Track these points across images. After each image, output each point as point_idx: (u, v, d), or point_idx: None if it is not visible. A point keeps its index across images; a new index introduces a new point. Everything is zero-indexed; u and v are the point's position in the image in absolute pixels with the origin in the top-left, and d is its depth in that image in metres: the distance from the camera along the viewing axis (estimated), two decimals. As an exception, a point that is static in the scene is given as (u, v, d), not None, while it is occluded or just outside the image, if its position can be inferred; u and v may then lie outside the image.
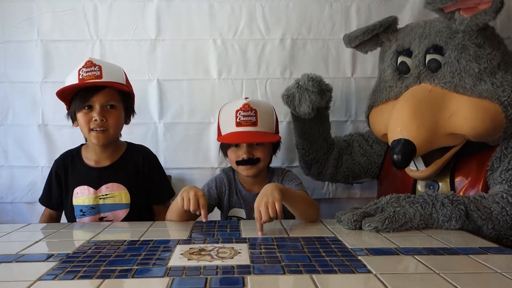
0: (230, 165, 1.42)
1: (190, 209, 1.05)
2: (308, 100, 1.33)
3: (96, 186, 1.25)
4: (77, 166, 1.28)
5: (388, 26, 1.36)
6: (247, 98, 1.33)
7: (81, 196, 1.25)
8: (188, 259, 0.78)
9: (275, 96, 1.62)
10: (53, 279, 0.69)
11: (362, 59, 1.64)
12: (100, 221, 1.25)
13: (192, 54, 1.63)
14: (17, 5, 1.61)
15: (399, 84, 1.29)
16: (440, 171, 1.24)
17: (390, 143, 1.20)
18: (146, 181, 1.31)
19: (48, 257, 0.81)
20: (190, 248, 0.86)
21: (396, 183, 1.39)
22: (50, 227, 1.14)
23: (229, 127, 1.29)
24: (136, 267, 0.74)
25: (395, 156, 1.15)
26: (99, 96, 1.20)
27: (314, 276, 0.69)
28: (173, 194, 1.38)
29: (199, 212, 1.06)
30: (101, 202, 1.25)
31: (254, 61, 1.64)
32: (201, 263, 0.76)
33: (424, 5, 1.19)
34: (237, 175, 1.37)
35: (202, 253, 0.83)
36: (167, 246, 0.88)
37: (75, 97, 1.21)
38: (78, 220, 1.25)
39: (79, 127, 1.24)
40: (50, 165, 1.35)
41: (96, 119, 1.19)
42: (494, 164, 1.17)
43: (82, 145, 1.33)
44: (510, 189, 1.08)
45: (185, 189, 1.10)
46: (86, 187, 1.25)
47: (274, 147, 1.37)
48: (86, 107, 1.20)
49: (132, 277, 0.70)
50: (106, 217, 1.25)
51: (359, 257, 0.79)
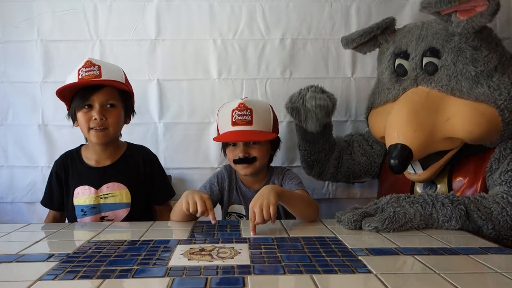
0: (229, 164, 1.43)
1: (198, 210, 1.04)
2: (315, 119, 1.32)
3: (97, 186, 1.25)
4: (77, 166, 1.28)
5: (386, 28, 1.36)
6: (246, 97, 1.33)
7: (82, 196, 1.25)
8: (189, 259, 0.78)
9: (275, 96, 1.63)
10: (53, 279, 0.69)
11: (362, 59, 1.64)
12: (101, 221, 1.25)
13: (192, 54, 1.63)
14: (17, 5, 1.61)
15: (396, 86, 1.29)
16: (438, 173, 1.24)
17: (387, 148, 1.20)
18: (146, 181, 1.31)
19: (48, 257, 0.81)
20: (191, 248, 0.86)
21: (395, 183, 1.39)
22: (50, 227, 1.14)
23: (226, 126, 1.30)
24: (136, 267, 0.74)
25: (392, 161, 1.15)
26: (99, 95, 1.20)
27: (314, 276, 0.69)
28: (173, 194, 1.38)
29: (206, 214, 1.05)
30: (102, 201, 1.25)
31: (254, 61, 1.64)
32: (201, 263, 0.76)
33: (419, 8, 1.17)
34: (237, 172, 1.37)
35: (203, 253, 0.83)
36: (167, 246, 0.88)
37: (75, 96, 1.22)
38: (79, 220, 1.25)
39: (79, 126, 1.24)
40: (50, 165, 1.36)
41: (96, 118, 1.19)
42: (492, 165, 1.17)
43: (81, 145, 1.33)
44: (510, 190, 1.08)
45: (188, 193, 1.08)
46: (87, 187, 1.25)
47: (273, 146, 1.37)
48: (86, 106, 1.21)
49: (132, 277, 0.70)
50: (107, 216, 1.25)
51: (359, 257, 0.79)
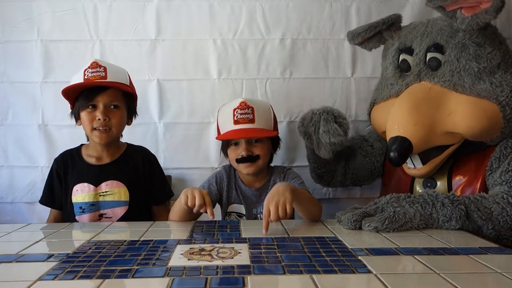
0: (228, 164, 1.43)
1: (196, 204, 1.04)
2: (328, 148, 1.31)
3: (96, 184, 1.26)
4: (77, 164, 1.29)
5: (391, 24, 1.37)
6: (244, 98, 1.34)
7: (81, 193, 1.26)
8: (188, 259, 0.78)
9: (275, 96, 1.63)
10: (53, 279, 0.69)
11: (362, 59, 1.64)
12: (99, 218, 1.26)
13: (192, 54, 1.63)
14: (17, 5, 1.61)
15: (400, 81, 1.29)
16: (438, 169, 1.24)
17: (387, 140, 1.21)
18: (145, 181, 1.32)
19: (48, 257, 0.81)
20: (190, 248, 0.86)
21: (395, 181, 1.39)
22: (50, 227, 1.14)
23: (227, 125, 1.29)
24: (136, 267, 0.74)
25: (391, 153, 1.16)
26: (104, 96, 1.22)
27: (314, 276, 0.69)
28: (172, 194, 1.39)
29: (204, 210, 1.06)
30: (101, 199, 1.26)
31: (254, 61, 1.64)
32: (201, 263, 0.76)
33: (425, 3, 1.19)
34: (237, 171, 1.37)
35: (202, 253, 0.83)
36: (167, 246, 0.88)
37: (80, 96, 1.23)
38: (77, 217, 1.26)
39: (82, 126, 1.25)
40: (50, 165, 1.35)
41: (99, 118, 1.21)
42: (493, 164, 1.17)
43: (82, 145, 1.34)
44: (511, 190, 1.07)
45: (187, 189, 1.09)
46: (86, 184, 1.26)
47: (274, 145, 1.37)
48: (90, 106, 1.22)
49: (132, 277, 0.70)
50: (106, 214, 1.26)
51: (359, 257, 0.79)
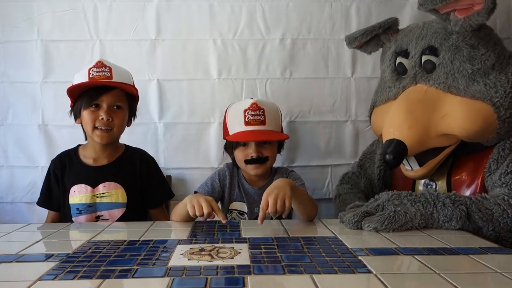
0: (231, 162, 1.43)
1: (204, 213, 1.00)
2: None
3: (93, 185, 1.26)
4: (75, 165, 1.29)
5: (388, 27, 1.37)
6: (252, 98, 1.33)
7: (78, 195, 1.25)
8: (188, 259, 0.78)
9: (275, 96, 1.63)
10: (53, 279, 0.69)
11: (362, 59, 1.64)
12: (96, 220, 1.25)
13: (192, 54, 1.63)
14: (17, 5, 1.61)
15: (397, 84, 1.30)
16: (438, 170, 1.24)
17: (383, 143, 1.21)
18: (143, 184, 1.31)
19: (48, 257, 0.81)
20: (190, 248, 0.86)
21: (398, 181, 1.39)
22: (50, 227, 1.14)
23: (238, 126, 1.29)
24: (136, 267, 0.74)
25: (387, 156, 1.17)
26: (108, 96, 1.22)
27: (314, 276, 0.69)
28: (172, 196, 1.38)
29: (213, 217, 1.03)
30: (98, 200, 1.25)
31: (254, 61, 1.64)
32: (201, 263, 0.76)
33: (417, 6, 1.19)
34: (240, 169, 1.37)
35: (202, 253, 0.82)
36: (167, 246, 0.88)
37: (83, 94, 1.23)
38: (74, 219, 1.25)
39: (81, 124, 1.25)
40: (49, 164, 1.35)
41: (103, 118, 1.21)
42: (491, 165, 1.16)
43: (79, 145, 1.33)
44: (511, 192, 1.07)
45: (191, 197, 1.06)
46: (83, 185, 1.25)
47: (278, 146, 1.38)
48: (93, 106, 1.22)
49: (132, 277, 0.70)
50: (103, 216, 1.25)
51: (359, 257, 0.79)
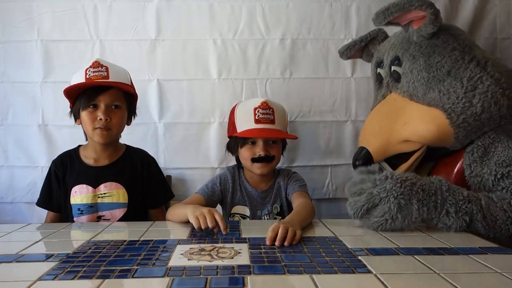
0: (231, 164, 1.43)
1: (208, 225, 0.98)
2: None
3: (95, 185, 1.26)
4: (76, 165, 1.29)
5: (373, 38, 1.44)
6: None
7: (79, 195, 1.25)
8: (188, 259, 0.78)
9: (275, 96, 1.63)
10: (53, 279, 0.69)
11: (362, 59, 1.64)
12: (97, 220, 1.25)
13: (192, 54, 1.63)
14: (17, 5, 1.61)
15: (379, 93, 1.39)
16: (418, 173, 1.19)
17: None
18: (144, 184, 1.31)
19: (48, 257, 0.81)
20: (190, 248, 0.86)
21: None
22: (50, 227, 1.14)
23: (247, 124, 1.29)
24: (136, 267, 0.74)
25: (356, 162, 1.27)
26: (105, 96, 1.21)
27: (314, 276, 0.69)
28: (172, 196, 1.38)
29: (217, 230, 1.00)
30: (99, 200, 1.25)
31: (254, 61, 1.64)
32: (201, 263, 0.76)
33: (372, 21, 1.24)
34: (243, 173, 1.37)
35: (202, 253, 0.83)
36: (167, 246, 0.88)
37: (81, 95, 1.23)
38: (75, 219, 1.25)
39: (81, 125, 1.25)
40: (50, 165, 1.35)
41: (101, 118, 1.20)
42: (471, 171, 1.14)
43: (79, 146, 1.33)
44: None
45: (194, 210, 1.04)
46: (84, 185, 1.25)
47: (282, 147, 1.38)
48: (91, 106, 1.22)
49: (132, 277, 0.70)
50: (104, 216, 1.25)
51: (359, 257, 0.79)
